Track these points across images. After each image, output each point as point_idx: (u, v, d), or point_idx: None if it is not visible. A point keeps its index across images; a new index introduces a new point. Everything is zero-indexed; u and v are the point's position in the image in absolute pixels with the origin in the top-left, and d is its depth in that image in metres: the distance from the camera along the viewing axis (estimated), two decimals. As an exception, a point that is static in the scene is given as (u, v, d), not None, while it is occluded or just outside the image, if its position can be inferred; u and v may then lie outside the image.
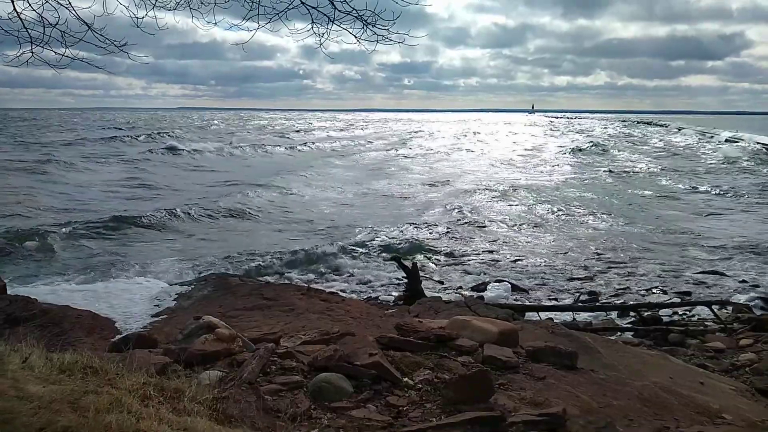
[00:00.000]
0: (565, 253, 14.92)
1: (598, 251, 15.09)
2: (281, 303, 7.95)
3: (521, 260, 14.23)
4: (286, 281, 11.61)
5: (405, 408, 3.84)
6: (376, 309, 8.43)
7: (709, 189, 26.83)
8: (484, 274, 12.96)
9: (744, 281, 12.17)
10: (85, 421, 2.53)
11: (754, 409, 4.65)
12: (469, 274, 13.05)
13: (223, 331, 4.75)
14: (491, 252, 15.05)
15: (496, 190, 25.06)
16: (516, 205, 22.21)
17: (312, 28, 5.14)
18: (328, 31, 5.12)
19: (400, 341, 4.83)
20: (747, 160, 40.28)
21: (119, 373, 3.25)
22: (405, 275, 9.85)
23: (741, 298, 10.74)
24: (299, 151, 48.34)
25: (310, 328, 5.83)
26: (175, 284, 10.59)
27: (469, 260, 14.27)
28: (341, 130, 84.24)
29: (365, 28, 5.01)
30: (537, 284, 12.24)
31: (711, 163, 40.07)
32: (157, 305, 9.14)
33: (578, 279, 12.59)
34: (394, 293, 11.16)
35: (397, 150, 49.90)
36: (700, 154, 48.20)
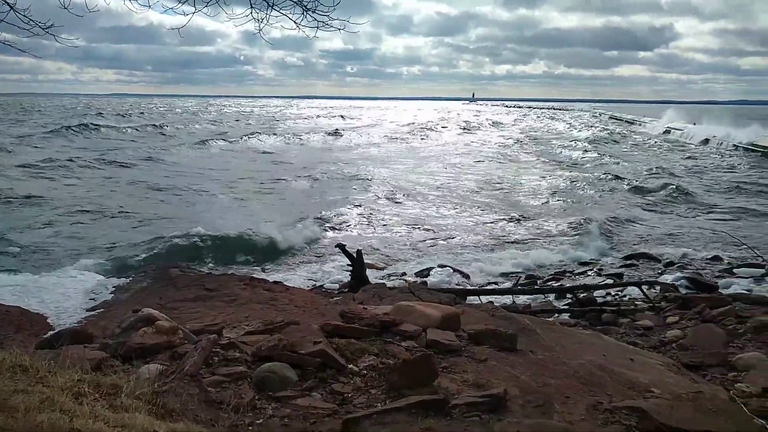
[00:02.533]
0: (505, 237, 15.32)
1: (534, 236, 15.57)
2: (224, 294, 7.82)
3: (463, 245, 14.51)
4: (228, 272, 11.41)
5: (350, 394, 3.87)
6: (321, 297, 8.41)
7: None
8: (428, 258, 13.15)
9: (671, 263, 12.82)
10: (15, 422, 2.42)
11: (680, 383, 4.92)
12: (414, 259, 13.21)
13: (164, 324, 4.63)
14: (435, 238, 15.28)
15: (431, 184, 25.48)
16: (453, 192, 22.61)
17: (251, 13, 5.04)
18: (268, 16, 5.02)
19: (345, 328, 4.84)
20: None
21: (51, 371, 3.11)
22: (350, 263, 9.85)
23: (668, 278, 11.30)
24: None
25: (253, 318, 5.76)
26: (112, 277, 10.23)
27: (414, 246, 14.43)
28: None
29: (305, 13, 4.95)
30: (478, 269, 12.51)
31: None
32: (93, 299, 8.80)
33: (517, 266, 12.97)
34: (339, 281, 11.17)
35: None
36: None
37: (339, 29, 5.00)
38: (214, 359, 4.21)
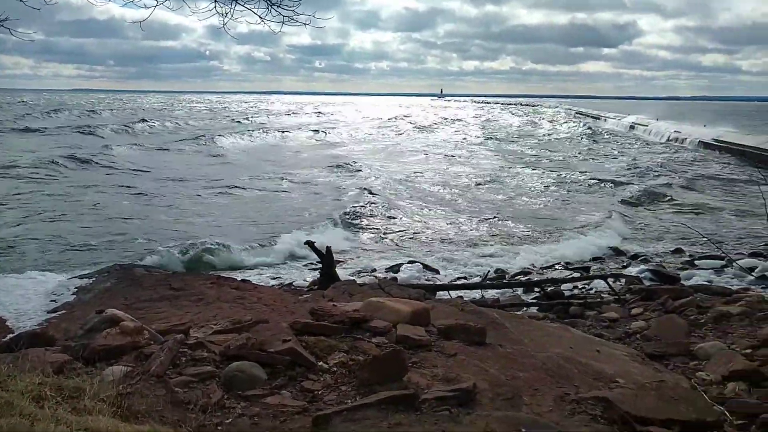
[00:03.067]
0: (474, 232, 15.45)
1: (505, 230, 15.75)
2: (190, 293, 7.69)
3: (434, 241, 14.59)
4: (195, 271, 11.24)
5: (320, 392, 3.85)
6: (290, 295, 8.35)
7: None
8: (399, 253, 13.19)
9: (635, 255, 13.11)
10: (-28, 428, 2.34)
11: (644, 372, 5.04)
12: (384, 256, 13.23)
13: (128, 324, 4.53)
14: (404, 234, 15.33)
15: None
16: (425, 187, 22.72)
17: (215, 7, 4.96)
18: (232, 10, 4.96)
19: (315, 326, 4.82)
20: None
21: (11, 375, 3.02)
22: (319, 260, 9.81)
23: (633, 271, 11.56)
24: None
25: (221, 317, 5.69)
26: (74, 278, 9.97)
27: (383, 243, 14.46)
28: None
29: (270, 8, 4.90)
30: (448, 264, 12.60)
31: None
32: (54, 300, 8.56)
33: (487, 257, 13.11)
34: (308, 278, 11.11)
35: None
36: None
37: (305, 24, 4.97)
38: (182, 359, 4.15)
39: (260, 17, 4.94)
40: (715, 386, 5.39)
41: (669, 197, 21.20)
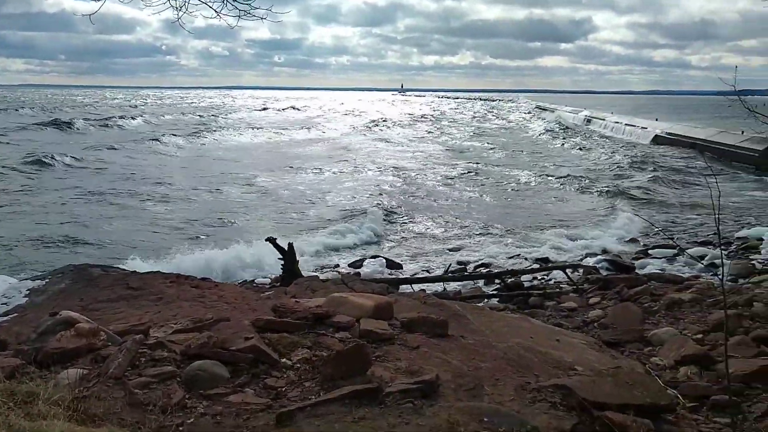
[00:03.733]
0: (436, 225, 15.57)
1: (465, 224, 15.92)
2: (149, 292, 7.52)
3: (396, 235, 14.64)
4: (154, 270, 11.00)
5: (284, 388, 3.83)
6: (252, 292, 8.25)
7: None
8: (362, 248, 13.20)
9: (588, 245, 13.44)
10: None
11: (601, 359, 5.18)
12: (347, 251, 13.22)
13: (84, 326, 4.42)
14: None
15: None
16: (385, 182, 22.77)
17: (169, 0, 4.85)
18: (187, 3, 4.85)
19: (277, 323, 4.78)
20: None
21: (-41, 381, 2.91)
22: (281, 256, 9.72)
23: (590, 261, 11.85)
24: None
25: (181, 317, 5.58)
26: (26, 279, 9.63)
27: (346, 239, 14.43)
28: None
29: (226, 2, 4.82)
30: (410, 257, 12.68)
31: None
32: (5, 303, 8.25)
33: (449, 250, 13.24)
34: (270, 275, 11.02)
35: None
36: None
37: (262, 18, 4.90)
38: (141, 360, 4.06)
39: (216, 11, 4.86)
40: (668, 371, 5.59)
41: (623, 189, 21.77)
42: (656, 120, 48.85)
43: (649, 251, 12.79)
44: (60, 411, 2.71)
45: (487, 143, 40.43)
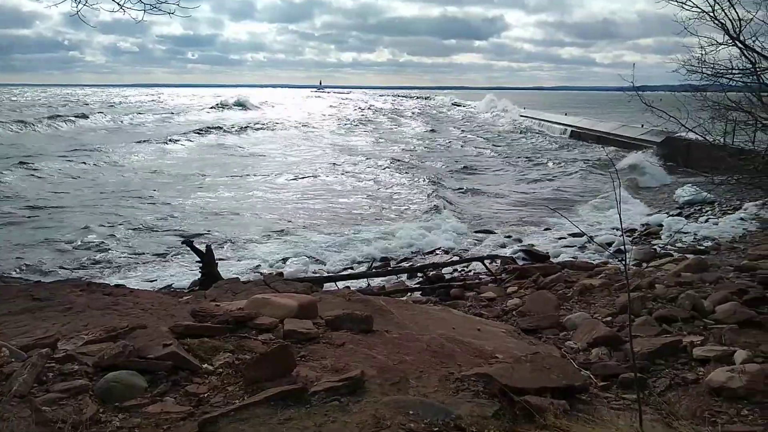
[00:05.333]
0: (359, 222, 15.62)
1: (383, 218, 16.07)
2: (57, 303, 7.07)
3: (318, 233, 14.55)
4: (61, 278, 10.40)
5: (206, 395, 3.72)
6: (170, 298, 7.96)
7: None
8: (284, 248, 13.02)
9: (509, 236, 13.93)
10: None
11: (520, 346, 5.38)
12: (269, 251, 13.00)
13: (-18, 343, 4.09)
14: (288, 228, 15.15)
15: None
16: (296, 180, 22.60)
17: (67, -9, 4.57)
18: (86, -5, 4.59)
19: (197, 328, 4.65)
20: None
21: None
22: (199, 259, 9.44)
23: (507, 252, 12.28)
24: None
25: (93, 326, 5.30)
26: None
27: (267, 238, 14.19)
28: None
29: (131, -6, 4.59)
30: (334, 255, 12.65)
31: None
32: None
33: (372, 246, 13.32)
34: (188, 279, 10.67)
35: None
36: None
37: (169, 13, 4.71)
38: (49, 375, 3.82)
39: (119, 4, 4.62)
40: (581, 353, 5.89)
41: (534, 181, 22.72)
42: (565, 114, 51.18)
43: (562, 240, 13.43)
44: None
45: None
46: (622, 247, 11.46)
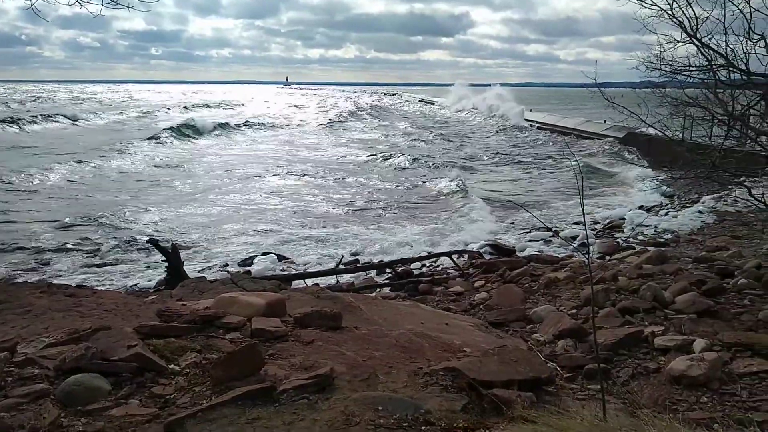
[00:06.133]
0: (325, 219, 15.57)
1: (354, 216, 16.06)
2: (15, 305, 6.86)
3: (286, 231, 14.45)
4: (19, 280, 10.09)
5: (172, 396, 3.67)
6: (135, 298, 7.81)
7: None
8: (253, 246, 12.89)
9: (472, 230, 14.06)
10: None
11: (488, 340, 5.44)
12: (235, 249, 12.85)
13: (-64, 348, 3.96)
14: (255, 227, 15.01)
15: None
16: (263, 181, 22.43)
17: (21, -16, 4.42)
18: (42, -12, 4.44)
19: (163, 328, 4.57)
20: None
21: None
22: (164, 258, 9.28)
23: (474, 246, 12.40)
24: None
25: (54, 329, 5.16)
26: None
27: (233, 237, 14.03)
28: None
29: (89, -12, 4.47)
30: (303, 252, 12.58)
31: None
32: None
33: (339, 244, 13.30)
34: (154, 279, 10.48)
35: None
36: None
37: (128, 7, 4.60)
38: (8, 380, 3.71)
39: (76, -1, 4.49)
40: (548, 345, 6.00)
41: (499, 174, 22.99)
42: (530, 110, 51.88)
43: (528, 234, 13.63)
44: None
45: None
46: (586, 241, 11.68)
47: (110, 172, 23.48)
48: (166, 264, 9.32)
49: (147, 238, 10.99)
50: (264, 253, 12.17)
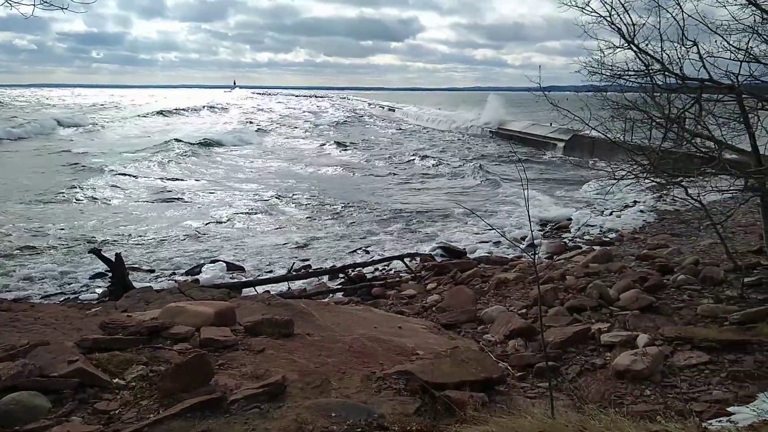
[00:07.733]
0: (278, 228, 15.39)
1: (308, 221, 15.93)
2: (-54, 321, 6.50)
3: (235, 238, 14.20)
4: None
5: (117, 411, 3.53)
6: (76, 310, 7.48)
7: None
8: (200, 255, 12.60)
9: (427, 234, 14.17)
10: None
11: (440, 342, 5.48)
12: (182, 258, 12.53)
13: None
14: (204, 234, 14.69)
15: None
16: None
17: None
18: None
19: (107, 341, 4.41)
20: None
21: None
22: (108, 268, 8.97)
23: (426, 249, 12.49)
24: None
25: (-11, 346, 4.91)
26: None
27: (180, 245, 13.68)
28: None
29: (18, -13, 4.28)
30: (253, 259, 12.38)
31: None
32: None
33: (293, 247, 13.16)
34: (97, 290, 10.11)
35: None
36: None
37: (62, 8, 4.42)
38: (-62, 402, 3.50)
39: (5, -1, 4.29)
40: (499, 345, 6.09)
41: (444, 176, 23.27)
42: (478, 115, 52.61)
43: (478, 236, 13.81)
44: None
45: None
46: (536, 242, 11.93)
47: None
48: (110, 274, 9.01)
49: (90, 249, 10.57)
50: (213, 261, 11.92)
